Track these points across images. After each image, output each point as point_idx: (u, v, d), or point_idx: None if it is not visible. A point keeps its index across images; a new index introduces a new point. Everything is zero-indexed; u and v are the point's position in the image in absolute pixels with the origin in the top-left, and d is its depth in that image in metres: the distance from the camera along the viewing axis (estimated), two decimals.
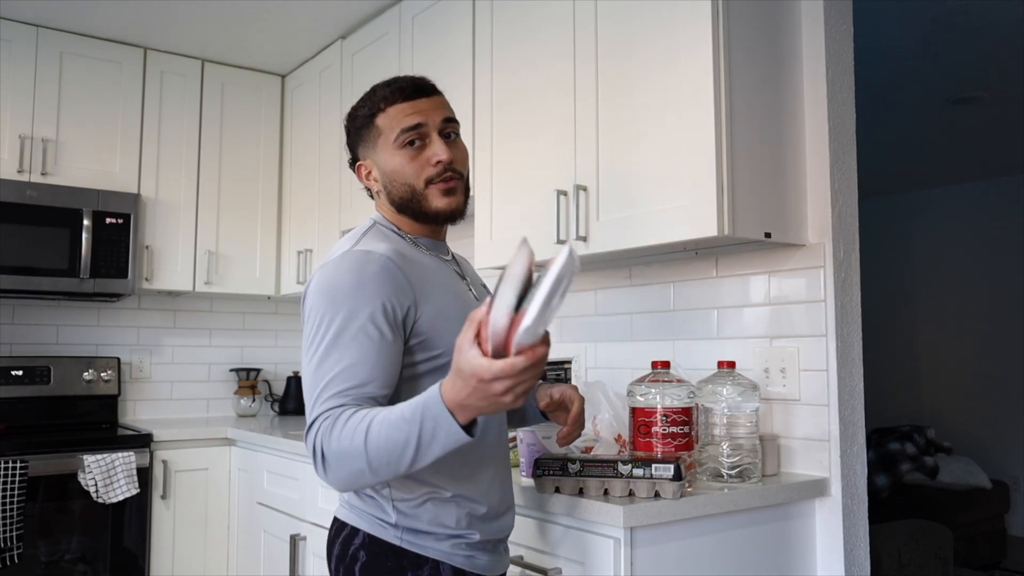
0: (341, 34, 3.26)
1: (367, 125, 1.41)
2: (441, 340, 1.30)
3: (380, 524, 1.31)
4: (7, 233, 3.00)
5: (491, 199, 2.37)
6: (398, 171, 1.38)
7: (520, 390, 1.00)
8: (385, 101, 1.39)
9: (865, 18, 3.00)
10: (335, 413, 1.17)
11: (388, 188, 1.41)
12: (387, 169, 1.40)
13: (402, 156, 1.38)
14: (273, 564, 2.82)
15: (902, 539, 2.97)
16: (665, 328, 2.26)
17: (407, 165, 1.38)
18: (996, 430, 5.69)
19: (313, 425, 1.19)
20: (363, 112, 1.42)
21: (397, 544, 1.30)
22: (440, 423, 1.07)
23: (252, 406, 3.66)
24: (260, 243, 3.64)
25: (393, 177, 1.39)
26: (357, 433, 1.13)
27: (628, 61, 1.96)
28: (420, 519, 1.30)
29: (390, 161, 1.39)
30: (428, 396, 1.08)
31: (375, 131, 1.40)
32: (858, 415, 1.91)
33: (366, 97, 1.43)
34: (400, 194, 1.40)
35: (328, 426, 1.16)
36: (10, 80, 3.12)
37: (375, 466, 1.12)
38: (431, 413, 1.07)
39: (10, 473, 2.64)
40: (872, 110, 4.15)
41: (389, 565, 1.29)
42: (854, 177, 1.99)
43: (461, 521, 1.32)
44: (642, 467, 1.57)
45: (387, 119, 1.39)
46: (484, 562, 1.36)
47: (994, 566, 4.78)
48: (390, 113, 1.39)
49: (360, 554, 1.31)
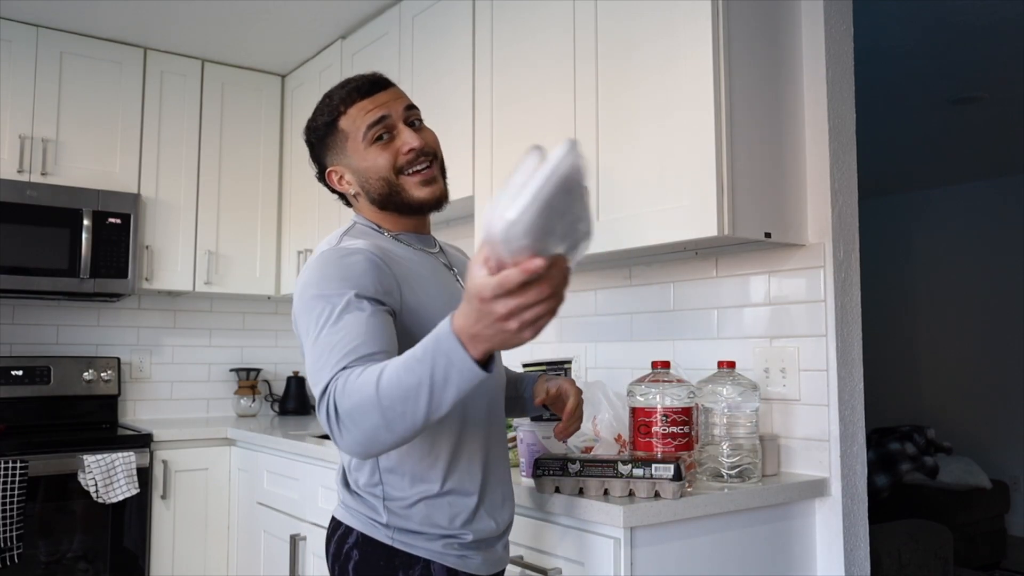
0: (341, 34, 3.26)
1: (330, 131, 1.39)
2: (425, 332, 1.23)
3: (372, 524, 1.31)
4: (7, 233, 3.00)
5: (491, 199, 2.37)
6: (372, 167, 1.37)
7: (528, 317, 0.87)
8: (344, 103, 1.37)
9: (865, 18, 3.00)
10: (344, 373, 1.10)
11: (365, 188, 1.39)
12: (360, 168, 1.38)
13: (373, 152, 1.36)
14: (273, 564, 2.82)
15: (902, 539, 2.97)
16: (665, 328, 2.26)
17: (379, 159, 1.36)
18: (996, 430, 5.69)
19: (325, 392, 1.11)
20: (323, 120, 1.40)
21: (389, 544, 1.29)
22: (453, 358, 0.95)
23: (252, 406, 3.67)
24: (260, 243, 3.64)
25: (368, 175, 1.37)
26: (368, 383, 1.04)
27: (628, 61, 1.96)
28: (411, 519, 1.29)
29: (362, 160, 1.37)
30: (439, 330, 0.97)
31: (340, 135, 1.38)
32: (858, 415, 1.91)
33: (322, 105, 1.41)
34: (379, 190, 1.38)
35: (341, 385, 1.08)
36: (10, 80, 3.12)
37: (389, 418, 1.02)
38: (443, 348, 0.96)
39: (10, 473, 2.64)
40: (872, 110, 4.15)
41: (381, 564, 1.29)
42: (854, 177, 1.99)
43: (454, 521, 1.31)
44: (642, 467, 1.57)
45: (350, 120, 1.37)
46: (478, 562, 1.34)
47: (994, 566, 4.78)
48: (351, 114, 1.37)
49: (353, 553, 1.31)
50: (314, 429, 3.10)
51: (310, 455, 2.58)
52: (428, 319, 1.25)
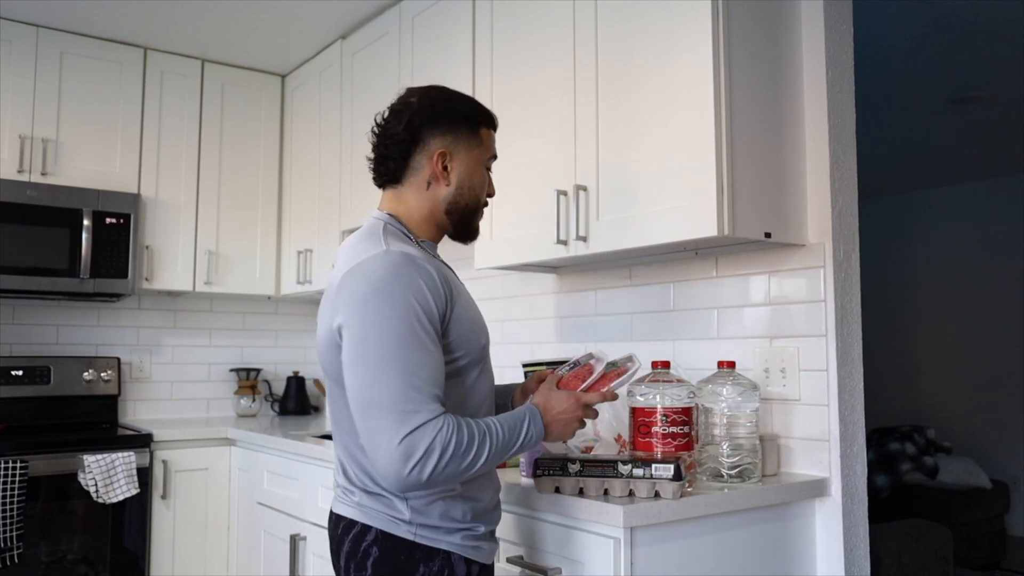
0: (341, 34, 3.26)
1: (469, 128, 1.47)
2: (461, 341, 1.38)
3: (393, 521, 1.37)
4: (7, 233, 3.00)
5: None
6: (479, 184, 1.50)
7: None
8: (487, 122, 1.51)
9: (865, 18, 3.00)
10: (449, 418, 1.26)
11: (459, 189, 1.47)
12: (471, 175, 1.48)
13: (483, 175, 1.51)
14: (273, 564, 2.82)
15: (902, 539, 2.97)
16: (665, 328, 2.26)
17: (486, 183, 1.52)
18: (996, 430, 5.69)
19: (423, 427, 1.23)
20: (466, 111, 1.48)
21: (411, 539, 1.36)
22: (538, 431, 1.39)
23: (252, 406, 3.67)
24: (260, 243, 3.64)
25: (472, 184, 1.48)
26: (479, 433, 1.29)
27: (628, 61, 1.96)
28: (432, 515, 1.36)
29: (476, 173, 1.49)
30: (531, 410, 1.41)
31: (476, 139, 1.48)
32: (858, 415, 1.91)
33: (468, 100, 1.50)
34: (467, 201, 1.48)
35: (451, 428, 1.25)
36: (10, 80, 3.12)
37: (487, 462, 1.30)
38: (536, 423, 1.39)
39: (10, 473, 2.64)
40: (872, 110, 4.16)
41: (402, 559, 1.35)
42: (854, 177, 1.99)
43: (467, 515, 1.40)
44: (642, 467, 1.57)
45: (488, 137, 1.51)
46: (486, 551, 1.44)
47: (994, 566, 4.78)
48: (491, 135, 1.52)
49: (372, 550, 1.37)
50: (314, 429, 3.10)
51: (310, 455, 2.58)
52: (464, 330, 1.38)
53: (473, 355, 1.40)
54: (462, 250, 2.79)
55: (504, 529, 1.74)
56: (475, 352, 1.40)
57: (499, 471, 1.94)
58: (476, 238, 1.55)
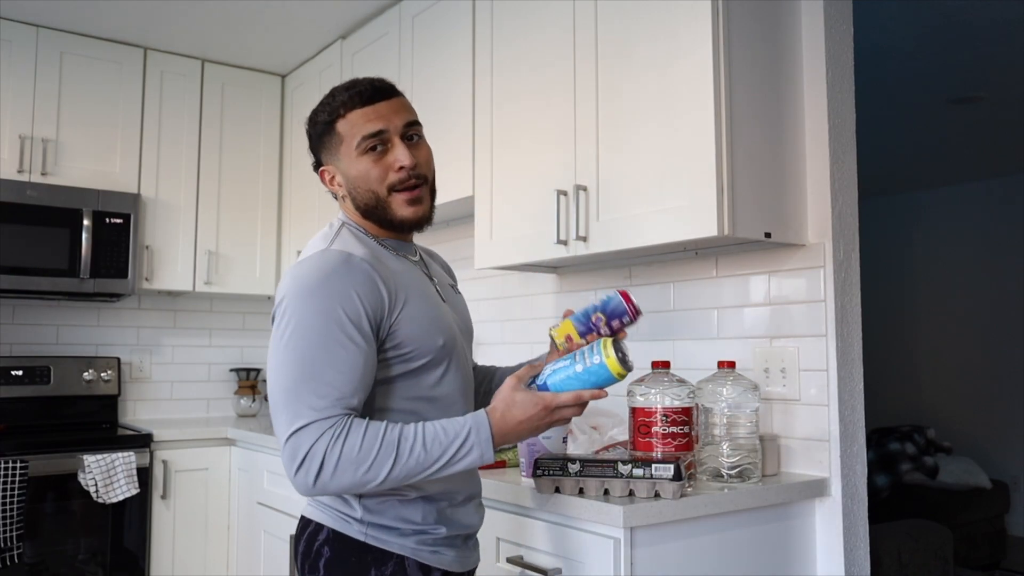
0: (341, 34, 3.26)
1: (328, 131, 1.39)
2: (412, 343, 1.31)
3: (344, 520, 1.31)
4: (7, 233, 3.00)
5: (491, 199, 2.37)
6: (361, 178, 1.36)
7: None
8: (344, 106, 1.36)
9: (865, 18, 3.00)
10: (342, 421, 1.20)
11: (352, 194, 1.39)
12: (350, 175, 1.38)
13: (364, 162, 1.36)
14: (273, 564, 2.82)
15: (902, 539, 2.97)
16: (665, 328, 2.26)
17: (370, 171, 1.36)
18: (996, 430, 5.69)
19: (307, 428, 1.19)
20: (323, 118, 1.39)
21: (362, 540, 1.29)
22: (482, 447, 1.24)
23: (252, 406, 3.67)
24: (260, 243, 3.64)
25: (356, 183, 1.37)
26: (385, 441, 1.20)
27: (628, 61, 1.96)
28: (385, 514, 1.30)
29: (353, 167, 1.37)
30: (477, 420, 1.25)
31: (336, 137, 1.38)
32: (858, 415, 1.91)
33: (325, 101, 1.40)
34: (365, 200, 1.38)
35: (338, 432, 1.19)
36: (10, 80, 3.12)
37: (394, 475, 1.20)
38: (481, 436, 1.24)
39: (10, 473, 2.64)
40: (872, 110, 4.15)
41: (353, 560, 1.29)
42: (854, 177, 1.99)
43: (428, 516, 1.32)
44: (642, 467, 1.57)
45: (347, 125, 1.36)
46: (450, 557, 1.35)
47: (994, 566, 4.78)
48: (350, 119, 1.36)
49: (324, 550, 1.31)
50: None
51: None
52: (414, 330, 1.30)
53: (431, 355, 1.33)
54: (462, 250, 2.79)
55: (504, 529, 1.74)
56: (432, 352, 1.33)
57: (499, 470, 1.94)
58: (421, 223, 1.41)
